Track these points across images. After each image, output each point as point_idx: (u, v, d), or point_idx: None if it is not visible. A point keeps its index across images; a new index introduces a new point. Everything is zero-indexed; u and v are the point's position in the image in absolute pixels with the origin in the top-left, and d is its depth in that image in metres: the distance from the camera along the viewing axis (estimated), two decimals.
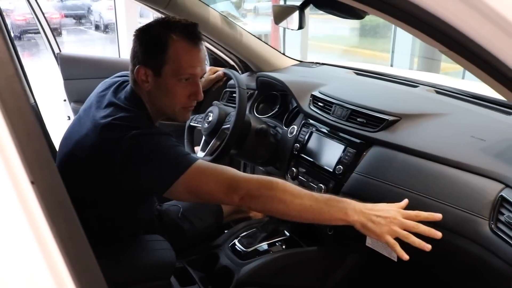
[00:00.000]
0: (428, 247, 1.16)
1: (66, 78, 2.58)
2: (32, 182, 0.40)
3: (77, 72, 2.58)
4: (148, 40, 1.38)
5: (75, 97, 2.56)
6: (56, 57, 2.62)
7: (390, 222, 1.21)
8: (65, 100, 2.64)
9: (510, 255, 1.07)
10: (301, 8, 1.53)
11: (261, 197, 1.28)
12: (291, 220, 1.42)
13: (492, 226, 1.15)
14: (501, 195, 1.16)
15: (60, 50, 2.64)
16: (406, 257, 1.19)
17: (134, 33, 1.41)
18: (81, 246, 0.42)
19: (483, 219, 1.18)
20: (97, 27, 14.67)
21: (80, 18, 16.04)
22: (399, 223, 1.20)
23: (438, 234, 1.17)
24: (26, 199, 0.39)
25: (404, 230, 1.20)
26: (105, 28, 13.62)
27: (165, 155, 1.28)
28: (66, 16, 15.33)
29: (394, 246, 1.20)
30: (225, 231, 1.82)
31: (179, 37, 1.36)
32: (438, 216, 1.19)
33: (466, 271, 1.29)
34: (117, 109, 1.34)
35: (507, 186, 1.18)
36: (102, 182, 1.31)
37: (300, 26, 1.56)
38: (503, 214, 1.14)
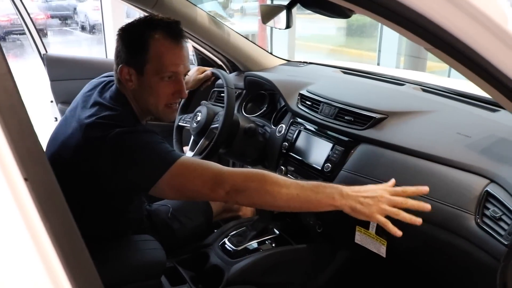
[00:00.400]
0: (419, 221, 1.16)
1: (52, 79, 2.56)
2: (26, 179, 0.40)
3: (63, 73, 2.56)
4: (131, 39, 1.39)
5: (62, 98, 2.54)
6: (42, 58, 2.60)
7: (378, 201, 1.20)
8: (52, 102, 2.62)
9: (496, 248, 1.09)
10: (288, 8, 1.54)
11: (247, 190, 1.27)
12: (280, 210, 1.41)
13: (478, 220, 1.17)
14: (487, 190, 1.19)
15: (46, 51, 2.62)
16: (399, 233, 1.18)
17: (117, 33, 1.42)
18: (75, 241, 0.42)
19: (469, 214, 1.20)
20: (83, 28, 14.54)
21: (65, 18, 15.88)
22: (387, 201, 1.20)
23: (427, 207, 1.17)
24: (20, 195, 0.40)
25: (394, 207, 1.20)
26: (92, 29, 13.51)
27: (149, 152, 1.28)
28: (52, 16, 15.18)
29: (386, 224, 1.20)
30: (215, 231, 1.82)
31: (161, 35, 1.36)
32: (425, 189, 1.20)
33: (453, 266, 1.31)
34: (102, 108, 1.35)
35: (492, 181, 1.20)
36: (88, 181, 1.30)
37: (288, 26, 1.57)
38: (488, 208, 1.16)
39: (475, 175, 1.24)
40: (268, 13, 1.65)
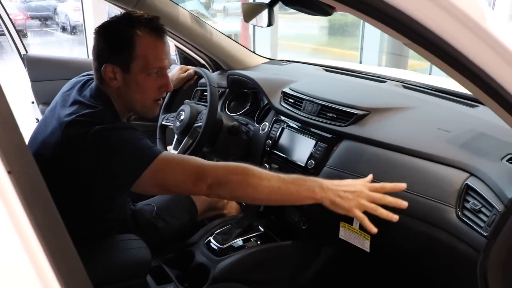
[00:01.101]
0: (395, 217, 1.19)
1: (33, 80, 2.53)
2: (9, 172, 0.40)
3: (45, 74, 2.53)
4: (113, 37, 1.38)
5: (44, 99, 2.51)
6: (22, 59, 2.57)
7: (357, 196, 1.23)
8: (33, 102, 2.59)
9: (476, 240, 1.11)
10: (270, 6, 1.55)
11: (229, 183, 1.28)
12: (261, 203, 1.42)
13: (459, 213, 1.19)
14: (467, 184, 1.21)
15: (26, 51, 2.59)
16: (374, 230, 1.22)
17: (95, 31, 1.40)
18: (59, 233, 0.42)
19: (450, 207, 1.22)
20: (63, 29, 14.36)
21: (45, 19, 15.66)
22: (366, 197, 1.23)
23: (404, 204, 1.20)
24: (3, 188, 0.40)
25: (372, 203, 1.23)
26: (73, 30, 13.35)
27: (130, 148, 1.28)
28: (31, 17, 14.96)
29: (363, 220, 1.23)
30: (200, 230, 1.82)
31: (144, 32, 1.37)
32: (402, 185, 1.24)
33: (435, 258, 1.33)
34: (82, 107, 1.34)
35: (472, 174, 1.22)
36: (69, 180, 1.29)
37: (270, 23, 1.57)
38: (468, 201, 1.18)
39: (455, 169, 1.26)
40: (250, 11, 1.65)
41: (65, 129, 1.29)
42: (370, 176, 1.30)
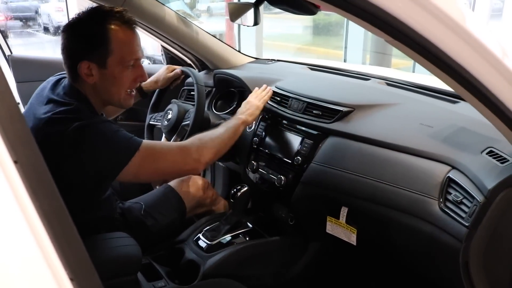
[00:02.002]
0: (268, 89, 1.87)
1: (18, 81, 2.52)
2: (15, 162, 0.42)
3: (30, 75, 2.52)
4: (85, 34, 1.39)
5: (29, 100, 2.50)
6: (7, 60, 2.55)
7: (250, 102, 1.76)
8: (18, 103, 2.57)
9: (458, 230, 1.15)
10: (256, 5, 1.57)
11: (207, 146, 1.51)
12: (227, 148, 1.63)
13: (441, 205, 1.23)
14: (448, 176, 1.25)
15: (11, 52, 2.57)
16: (270, 93, 1.86)
17: (64, 29, 1.41)
18: (64, 220, 0.44)
19: (433, 199, 1.26)
20: (46, 29, 14.19)
21: (27, 20, 15.45)
22: (256, 97, 1.80)
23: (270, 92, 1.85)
24: (10, 177, 0.42)
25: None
26: (57, 30, 13.17)
27: (112, 140, 1.32)
28: (13, 18, 14.74)
29: (263, 98, 1.81)
30: (189, 227, 1.83)
31: (117, 26, 1.39)
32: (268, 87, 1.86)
33: (419, 249, 1.37)
34: (57, 105, 1.36)
35: (453, 168, 1.26)
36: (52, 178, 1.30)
37: (256, 22, 1.60)
38: (450, 193, 1.22)
39: (438, 162, 1.30)
40: (236, 11, 1.67)
41: (43, 128, 1.31)
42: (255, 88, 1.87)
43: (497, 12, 9.24)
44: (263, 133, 1.87)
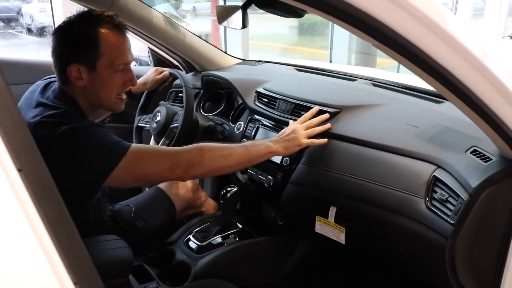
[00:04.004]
0: (324, 141, 1.54)
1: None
2: (19, 170, 0.43)
3: (16, 77, 2.48)
4: (75, 37, 1.39)
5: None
6: None
7: (298, 133, 1.52)
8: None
9: (444, 228, 1.18)
10: (244, 8, 1.58)
11: (203, 161, 1.41)
12: (231, 171, 1.58)
13: (428, 203, 1.26)
14: (434, 175, 1.28)
15: None
16: (324, 140, 1.54)
17: (54, 32, 1.42)
18: (67, 225, 0.45)
19: (419, 198, 1.29)
20: (29, 30, 14.02)
21: (9, 21, 15.25)
22: (303, 129, 1.54)
23: (325, 116, 1.59)
24: (14, 185, 0.43)
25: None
26: (42, 31, 13.01)
27: (99, 145, 1.32)
28: None
29: (313, 142, 1.53)
30: (179, 228, 1.84)
31: (108, 30, 1.40)
32: (325, 116, 1.59)
33: (406, 247, 1.39)
34: (46, 108, 1.36)
35: (439, 167, 1.29)
36: None
37: (244, 26, 1.61)
38: (436, 192, 1.25)
39: (424, 162, 1.33)
40: (223, 14, 1.68)
41: (32, 131, 1.30)
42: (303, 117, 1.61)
43: (479, 11, 9.39)
44: (252, 134, 1.89)
